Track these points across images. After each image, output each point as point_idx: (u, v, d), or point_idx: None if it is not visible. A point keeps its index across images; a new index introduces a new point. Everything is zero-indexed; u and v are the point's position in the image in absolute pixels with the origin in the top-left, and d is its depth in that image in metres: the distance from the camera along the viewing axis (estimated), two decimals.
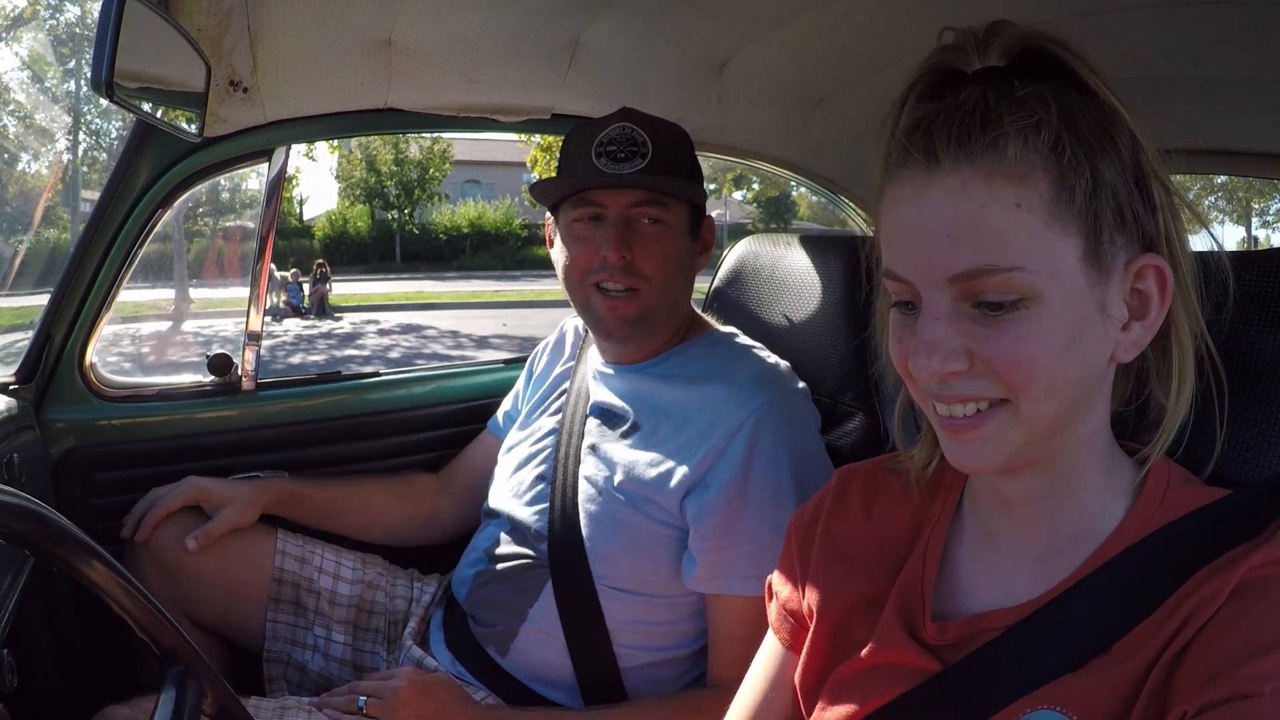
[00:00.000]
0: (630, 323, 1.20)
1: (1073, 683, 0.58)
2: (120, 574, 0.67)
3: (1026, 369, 0.57)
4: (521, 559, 1.24)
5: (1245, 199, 22.39)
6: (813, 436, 1.17)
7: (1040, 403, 0.59)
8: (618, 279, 1.17)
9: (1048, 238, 0.57)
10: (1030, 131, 0.57)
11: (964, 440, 0.61)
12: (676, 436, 1.15)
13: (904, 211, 0.60)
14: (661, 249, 1.18)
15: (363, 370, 1.77)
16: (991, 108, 0.58)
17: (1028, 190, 0.57)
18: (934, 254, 0.58)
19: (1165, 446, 0.62)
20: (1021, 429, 0.60)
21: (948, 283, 0.58)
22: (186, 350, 9.95)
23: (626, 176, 1.15)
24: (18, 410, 1.30)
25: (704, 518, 1.10)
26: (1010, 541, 0.67)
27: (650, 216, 1.18)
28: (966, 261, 0.57)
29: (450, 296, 16.39)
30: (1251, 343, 0.68)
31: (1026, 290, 0.57)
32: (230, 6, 1.15)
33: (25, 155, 15.37)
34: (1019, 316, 0.57)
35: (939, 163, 0.58)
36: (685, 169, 1.23)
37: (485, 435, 1.55)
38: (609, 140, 1.17)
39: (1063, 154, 0.57)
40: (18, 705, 0.91)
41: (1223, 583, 0.55)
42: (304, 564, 1.38)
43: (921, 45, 0.67)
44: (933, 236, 0.58)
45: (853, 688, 0.69)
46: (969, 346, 0.58)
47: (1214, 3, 1.09)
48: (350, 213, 26.58)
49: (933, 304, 0.59)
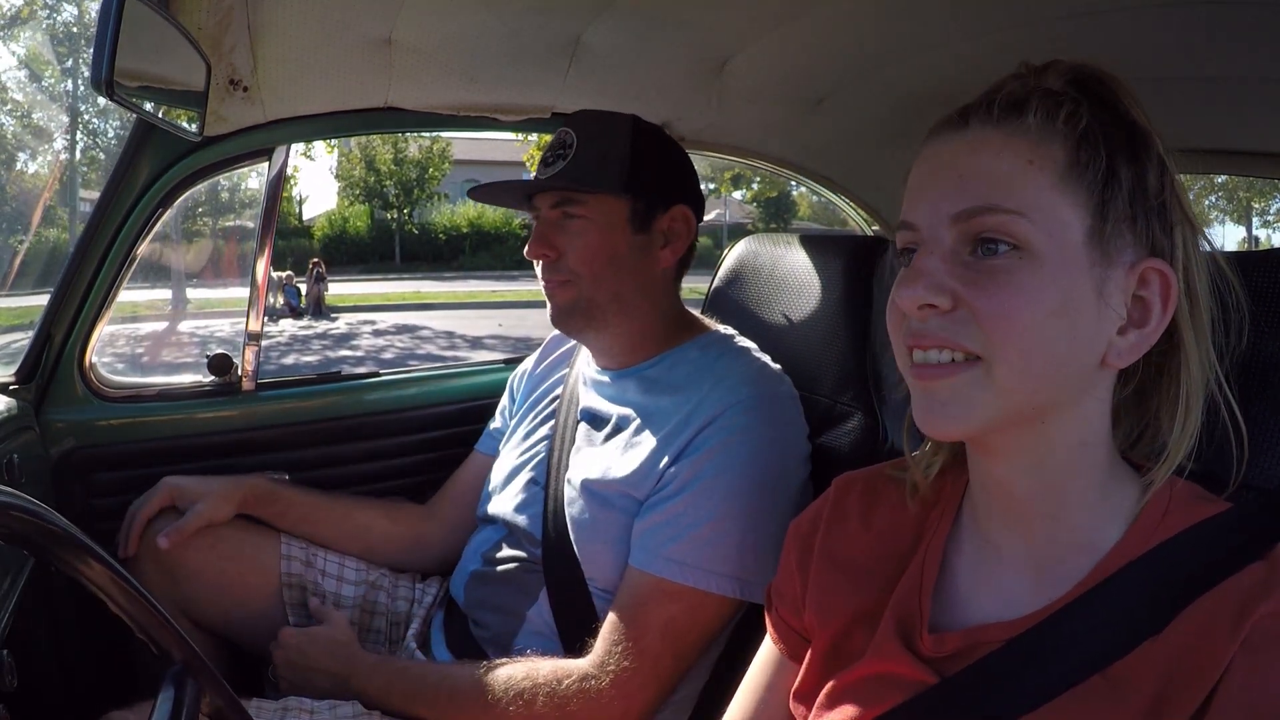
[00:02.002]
0: (565, 311, 1.23)
1: (1071, 708, 0.58)
2: (119, 574, 0.67)
3: (1008, 321, 0.58)
4: (517, 562, 1.24)
5: (1245, 199, 22.39)
6: (789, 442, 1.16)
7: (1015, 366, 0.58)
8: (550, 275, 1.22)
9: (1054, 199, 0.58)
10: (1054, 108, 0.60)
11: (932, 391, 0.61)
12: (656, 434, 1.16)
13: (922, 164, 0.64)
14: (584, 243, 1.20)
15: (355, 371, 1.76)
16: (1028, 91, 0.61)
17: (1043, 153, 0.59)
18: (942, 194, 0.61)
19: (1170, 472, 0.62)
20: (993, 394, 0.59)
21: (951, 221, 0.60)
22: (181, 351, 9.94)
23: (532, 182, 1.22)
24: (18, 410, 1.30)
25: (654, 495, 1.12)
26: (1009, 551, 0.66)
27: (569, 213, 1.21)
28: (971, 199, 0.59)
29: (447, 297, 16.35)
30: (1254, 344, 0.68)
31: (1024, 239, 0.58)
32: (230, 5, 1.15)
33: (23, 155, 15.38)
34: (1011, 265, 0.58)
35: (966, 124, 0.62)
36: (611, 162, 1.21)
37: (473, 456, 1.53)
38: (548, 146, 1.25)
39: (1082, 135, 0.59)
40: (18, 706, 0.91)
41: (1225, 614, 0.54)
42: (308, 567, 1.38)
43: (921, 45, 0.67)
44: (944, 178, 0.61)
45: (848, 698, 0.69)
46: (955, 289, 0.59)
47: (1214, 3, 1.09)
48: (349, 212, 26.55)
49: (932, 242, 0.61)
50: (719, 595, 1.06)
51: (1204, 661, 0.54)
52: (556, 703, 1.05)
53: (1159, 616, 0.57)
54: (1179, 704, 0.54)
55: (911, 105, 1.46)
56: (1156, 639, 0.57)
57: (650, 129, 1.27)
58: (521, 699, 1.06)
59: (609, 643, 1.07)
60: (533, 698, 1.05)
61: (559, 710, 1.05)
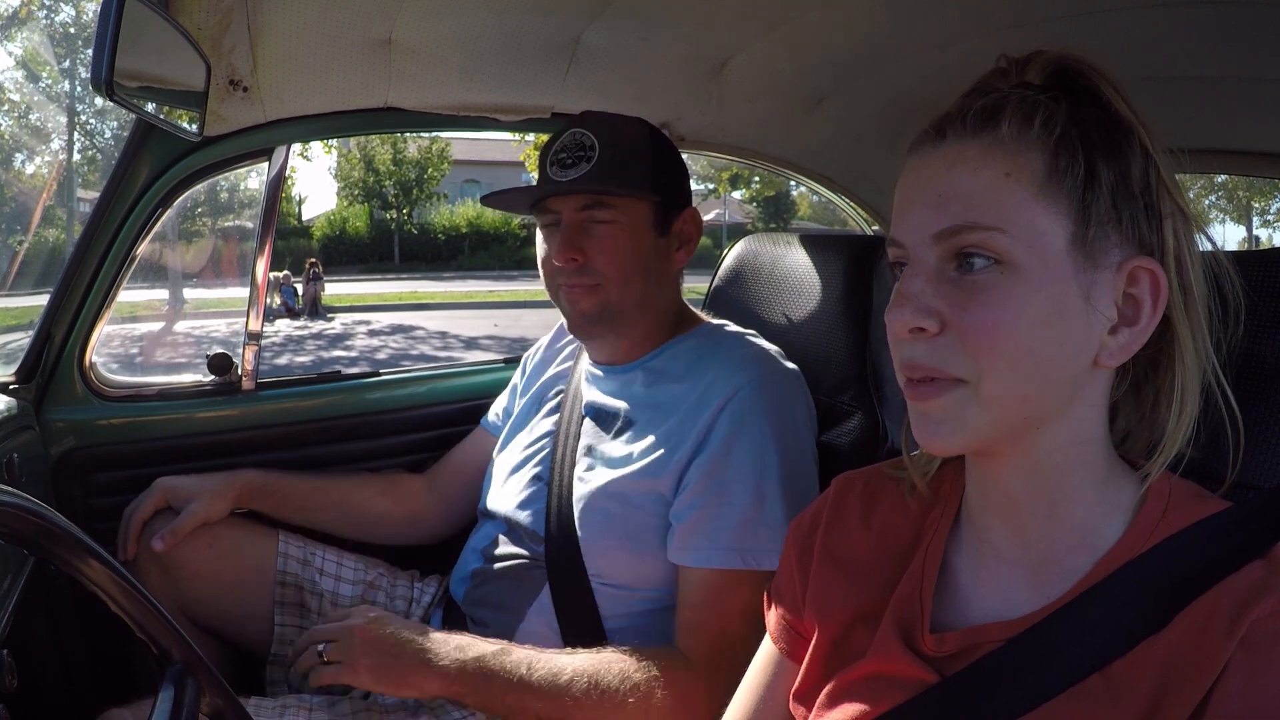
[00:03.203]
0: (591, 318, 1.22)
1: (1070, 708, 0.58)
2: (119, 573, 0.67)
3: (993, 336, 0.58)
4: (518, 559, 1.24)
5: (1245, 199, 22.39)
6: (800, 414, 1.18)
7: (1004, 378, 0.58)
8: (576, 279, 1.20)
9: (1034, 210, 0.58)
10: (1028, 112, 0.60)
11: (924, 410, 0.61)
12: (669, 424, 1.16)
13: (905, 181, 0.64)
14: (614, 246, 1.20)
15: (348, 370, 1.76)
16: (1003, 98, 0.61)
17: (1020, 163, 0.59)
18: (924, 213, 0.61)
19: (1165, 465, 0.62)
20: (982, 410, 0.60)
21: (933, 240, 0.60)
22: (175, 351, 9.91)
23: (568, 184, 1.19)
24: (18, 410, 1.30)
25: (687, 489, 1.12)
26: (1008, 550, 0.66)
27: (597, 218, 1.20)
28: (951, 218, 0.59)
29: (444, 297, 16.30)
30: (1254, 344, 0.68)
31: (1004, 254, 0.58)
32: (230, 6, 1.15)
33: (20, 155, 15.36)
34: (994, 281, 0.58)
35: (944, 137, 0.62)
36: (637, 165, 1.22)
37: (477, 432, 1.55)
38: (560, 147, 1.22)
39: (1059, 140, 0.59)
40: (18, 706, 0.91)
41: (1223, 613, 0.54)
42: (306, 565, 1.38)
43: (921, 45, 0.67)
44: (925, 197, 0.62)
45: (849, 697, 0.69)
46: (941, 310, 0.60)
47: (1214, 3, 1.09)
48: (349, 213, 26.51)
49: (918, 261, 0.62)
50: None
51: (1202, 661, 0.54)
52: (654, 689, 1.04)
53: (1158, 616, 0.57)
54: (1177, 703, 0.54)
55: (912, 105, 1.46)
56: (1155, 638, 0.57)
57: (658, 131, 1.28)
58: (626, 684, 1.04)
59: (698, 639, 1.08)
60: (637, 684, 1.04)
61: (653, 700, 1.04)
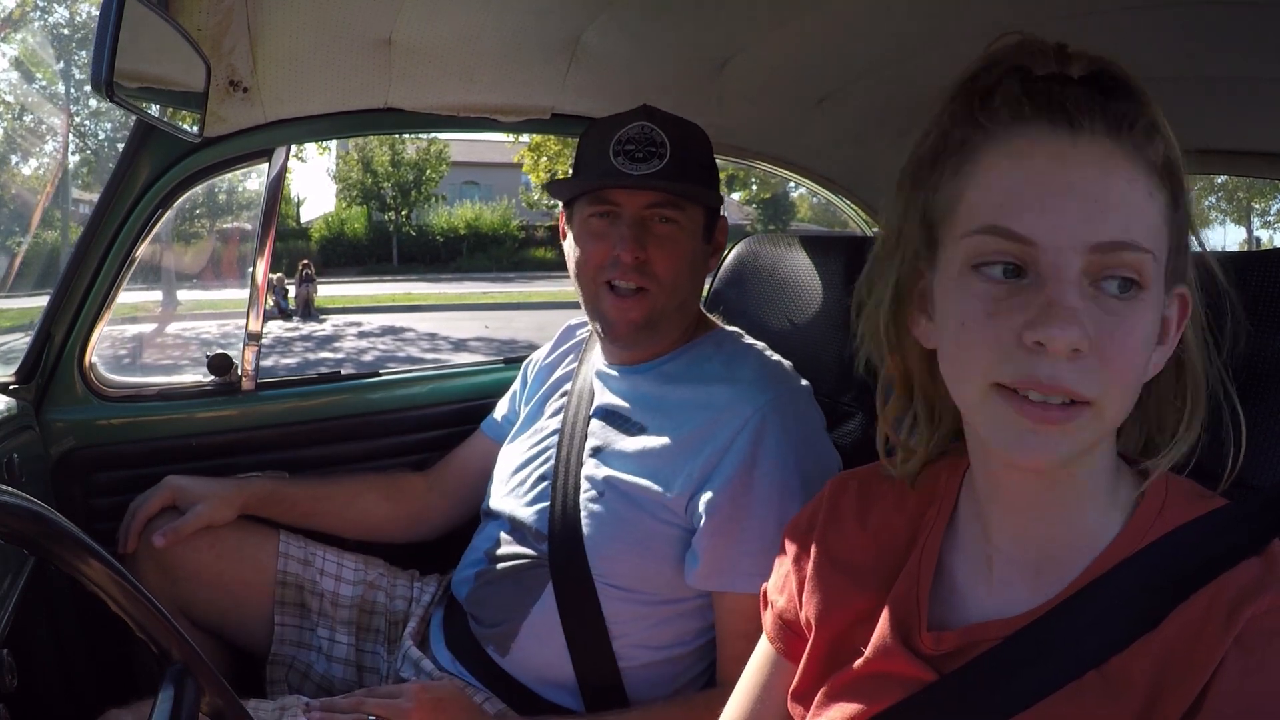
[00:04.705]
0: (638, 327, 1.20)
1: (1067, 705, 0.58)
2: (119, 573, 0.67)
3: (1131, 362, 0.56)
4: (522, 559, 1.24)
5: (1245, 199, 22.40)
6: (819, 434, 1.17)
7: (1123, 402, 0.57)
8: (630, 277, 1.17)
9: (1163, 234, 0.57)
10: (1150, 129, 0.57)
11: (1043, 432, 0.55)
12: (682, 436, 1.15)
13: (1036, 165, 0.56)
14: (674, 250, 1.18)
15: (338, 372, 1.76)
16: (1117, 98, 0.57)
17: (1155, 184, 0.56)
18: (1077, 218, 0.54)
19: (1170, 463, 0.62)
20: (1098, 430, 0.57)
21: (1087, 250, 0.54)
22: (165, 354, 9.87)
23: (643, 179, 1.15)
24: (18, 410, 1.30)
25: (708, 515, 1.10)
26: (1007, 548, 0.66)
27: (665, 217, 1.18)
28: (1114, 231, 0.54)
29: (438, 298, 16.23)
30: (1253, 344, 0.68)
31: (1147, 279, 0.55)
32: (230, 6, 1.15)
33: (15, 156, 15.33)
34: (1134, 305, 0.55)
35: (1079, 128, 0.55)
36: (703, 171, 1.22)
37: (478, 435, 1.54)
38: (628, 139, 1.17)
39: (1167, 159, 0.57)
40: (18, 706, 0.91)
41: (1219, 611, 0.54)
42: (306, 566, 1.38)
43: (921, 45, 0.67)
44: (1077, 199, 0.54)
45: (847, 696, 0.69)
46: (1089, 331, 0.54)
47: (1214, 3, 1.09)
48: (347, 214, 26.49)
49: (1060, 268, 0.54)
50: None
51: (1198, 657, 0.54)
52: None
53: (1154, 613, 0.57)
54: (1173, 700, 0.54)
55: (911, 105, 1.46)
56: (1152, 635, 0.57)
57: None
58: None
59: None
60: None
61: None
